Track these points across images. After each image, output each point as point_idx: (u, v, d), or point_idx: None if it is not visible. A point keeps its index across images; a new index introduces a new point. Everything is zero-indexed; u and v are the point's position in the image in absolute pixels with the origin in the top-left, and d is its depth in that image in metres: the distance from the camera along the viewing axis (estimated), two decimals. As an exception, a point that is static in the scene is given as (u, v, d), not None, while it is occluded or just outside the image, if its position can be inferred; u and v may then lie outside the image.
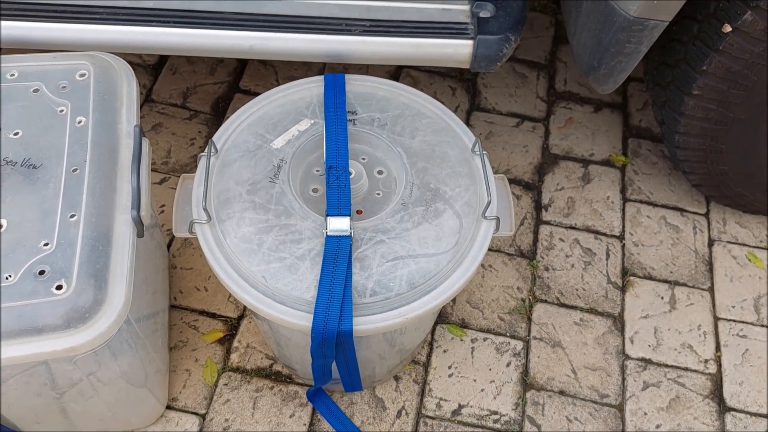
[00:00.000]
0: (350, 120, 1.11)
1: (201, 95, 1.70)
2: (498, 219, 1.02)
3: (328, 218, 0.98)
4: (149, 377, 1.12)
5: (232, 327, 1.36)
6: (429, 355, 1.35)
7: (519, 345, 1.37)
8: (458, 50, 1.20)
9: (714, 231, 1.56)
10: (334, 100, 1.11)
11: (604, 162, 1.66)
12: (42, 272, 0.85)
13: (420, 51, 1.19)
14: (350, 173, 1.04)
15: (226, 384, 1.29)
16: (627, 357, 1.37)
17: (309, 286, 0.93)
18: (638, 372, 1.35)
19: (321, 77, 1.15)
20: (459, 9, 1.21)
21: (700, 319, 1.43)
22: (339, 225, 0.97)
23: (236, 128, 1.09)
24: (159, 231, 1.32)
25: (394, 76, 1.77)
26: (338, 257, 0.94)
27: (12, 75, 1.05)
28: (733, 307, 1.45)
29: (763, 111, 1.26)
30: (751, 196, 1.48)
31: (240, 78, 1.75)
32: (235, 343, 1.34)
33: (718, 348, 1.39)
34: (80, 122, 1.00)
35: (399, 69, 1.80)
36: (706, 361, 1.37)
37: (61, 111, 1.01)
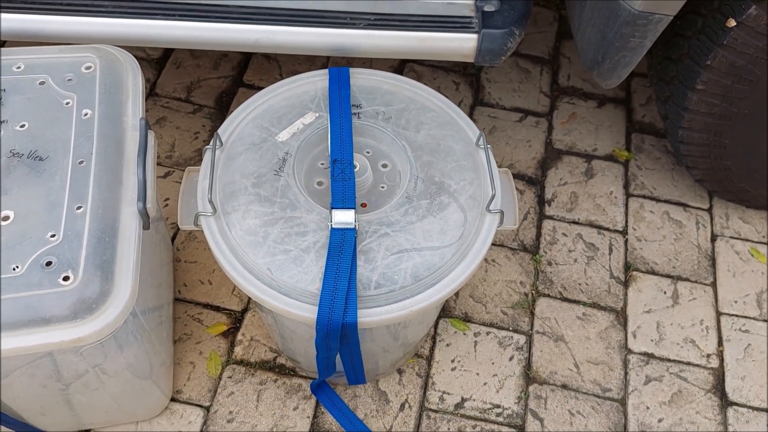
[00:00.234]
0: (355, 113, 1.11)
1: (205, 89, 1.71)
2: (502, 212, 1.02)
3: (333, 211, 0.98)
4: (154, 369, 1.12)
5: (236, 320, 1.37)
6: (432, 349, 1.35)
7: (522, 339, 1.38)
8: (463, 44, 1.20)
9: (717, 226, 1.56)
10: (339, 94, 1.12)
11: (608, 157, 1.66)
12: (49, 263, 0.86)
13: (424, 45, 1.20)
14: (355, 166, 1.04)
15: (230, 377, 1.30)
16: (629, 351, 1.37)
17: (314, 279, 0.94)
18: (641, 366, 1.36)
19: (326, 71, 1.15)
20: (463, 3, 1.21)
21: (703, 314, 1.43)
22: (344, 218, 0.97)
23: (241, 121, 1.09)
24: (163, 224, 1.33)
25: (398, 71, 1.78)
26: (343, 250, 0.95)
27: (18, 67, 1.05)
28: (736, 302, 1.45)
29: (767, 106, 1.26)
30: (754, 192, 1.48)
31: (244, 72, 1.75)
32: (239, 336, 1.34)
33: (721, 343, 1.40)
34: (86, 115, 1.00)
35: (402, 63, 1.80)
36: (709, 356, 1.38)
37: (67, 103, 1.01)
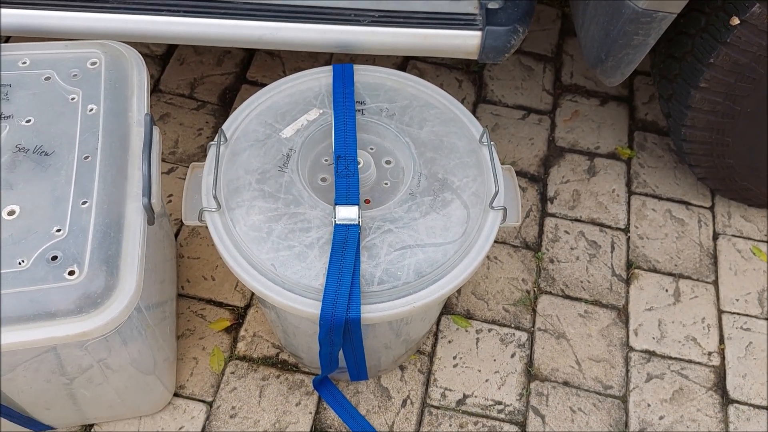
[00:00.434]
0: (359, 110, 1.11)
1: (208, 86, 1.71)
2: (505, 209, 1.02)
3: (337, 207, 0.98)
4: (158, 365, 1.13)
5: (239, 316, 1.37)
6: (434, 346, 1.36)
7: (523, 336, 1.38)
8: (467, 41, 1.20)
9: (719, 224, 1.56)
10: (343, 91, 1.12)
11: (610, 155, 1.66)
12: (54, 258, 0.86)
13: (428, 42, 1.20)
14: (359, 163, 1.04)
15: (233, 372, 1.30)
16: (631, 349, 1.38)
17: (318, 274, 0.94)
18: (642, 364, 1.36)
19: (330, 67, 1.16)
20: (467, 0, 1.21)
21: (704, 312, 1.43)
22: (347, 214, 0.98)
23: (245, 118, 1.10)
24: (167, 220, 1.33)
25: (401, 67, 1.78)
26: (347, 246, 0.95)
27: (24, 63, 1.05)
28: (737, 300, 1.45)
29: (770, 104, 1.26)
30: (757, 190, 1.48)
31: (247, 69, 1.75)
32: (242, 332, 1.35)
33: (722, 341, 1.40)
34: (91, 110, 1.01)
35: (406, 60, 1.81)
36: (710, 354, 1.38)
37: (73, 99, 1.02)
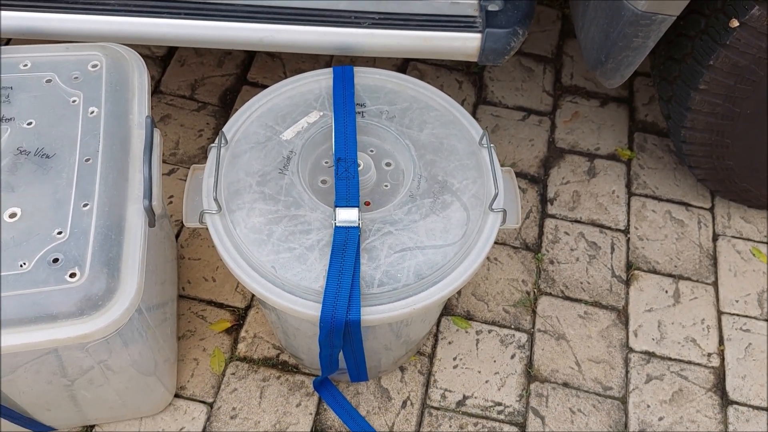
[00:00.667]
0: (359, 112, 1.11)
1: (209, 87, 1.71)
2: (505, 211, 1.03)
3: (337, 209, 0.99)
4: (158, 366, 1.13)
5: (240, 317, 1.37)
6: (434, 347, 1.36)
7: (523, 337, 1.38)
8: (466, 43, 1.20)
9: (718, 226, 1.56)
10: (343, 93, 1.12)
11: (610, 156, 1.66)
12: (56, 260, 0.86)
13: (428, 44, 1.20)
14: (359, 165, 1.05)
15: (234, 373, 1.30)
16: (630, 350, 1.38)
17: (318, 276, 0.94)
18: (642, 365, 1.36)
19: (330, 70, 1.16)
20: (467, 2, 1.21)
21: (704, 313, 1.44)
22: (348, 216, 0.98)
23: (246, 120, 1.10)
24: (168, 222, 1.34)
25: (401, 69, 1.78)
26: (347, 248, 0.95)
27: (25, 65, 1.06)
28: (737, 302, 1.45)
29: (770, 106, 1.27)
30: (756, 191, 1.48)
31: (248, 70, 1.76)
32: (243, 333, 1.35)
33: (722, 342, 1.40)
34: (93, 113, 1.01)
35: (406, 62, 1.81)
36: (710, 355, 1.38)
37: (74, 101, 1.02)
